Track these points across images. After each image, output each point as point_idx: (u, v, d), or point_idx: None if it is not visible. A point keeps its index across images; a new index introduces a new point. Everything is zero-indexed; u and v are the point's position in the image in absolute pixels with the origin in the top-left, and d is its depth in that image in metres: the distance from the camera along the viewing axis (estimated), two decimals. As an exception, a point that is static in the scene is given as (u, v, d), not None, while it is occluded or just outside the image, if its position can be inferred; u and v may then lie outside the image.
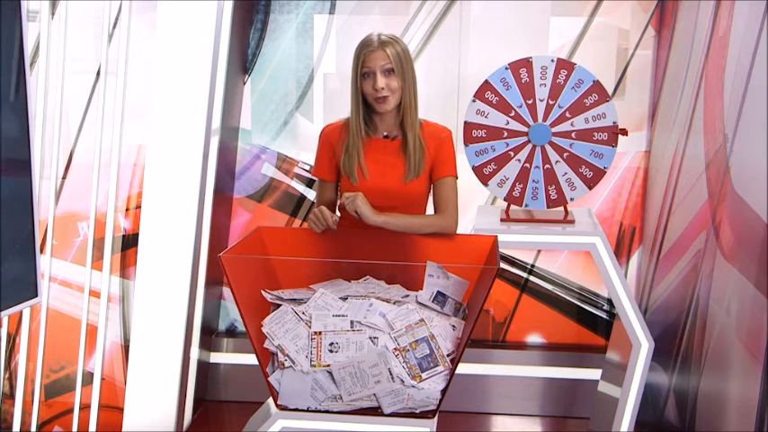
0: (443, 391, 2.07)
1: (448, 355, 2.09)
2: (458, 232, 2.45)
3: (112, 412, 3.55)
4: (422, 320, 2.11)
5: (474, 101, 2.70)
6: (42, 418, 3.64)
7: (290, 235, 2.48)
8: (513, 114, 2.68)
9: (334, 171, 2.51)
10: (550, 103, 2.66)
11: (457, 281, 2.25)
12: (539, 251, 3.85)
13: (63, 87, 3.50)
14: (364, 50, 2.38)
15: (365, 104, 2.43)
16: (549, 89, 2.66)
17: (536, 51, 3.52)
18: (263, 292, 2.23)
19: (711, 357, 2.68)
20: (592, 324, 3.87)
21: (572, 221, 2.77)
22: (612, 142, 2.66)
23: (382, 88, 2.36)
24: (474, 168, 2.74)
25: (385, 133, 2.47)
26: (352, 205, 2.32)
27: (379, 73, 2.36)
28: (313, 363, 2.07)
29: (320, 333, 2.09)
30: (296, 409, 2.09)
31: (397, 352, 2.07)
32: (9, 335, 3.64)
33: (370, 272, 2.36)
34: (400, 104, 2.43)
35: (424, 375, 2.06)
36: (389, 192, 2.42)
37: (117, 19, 3.50)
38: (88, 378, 3.51)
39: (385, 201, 2.40)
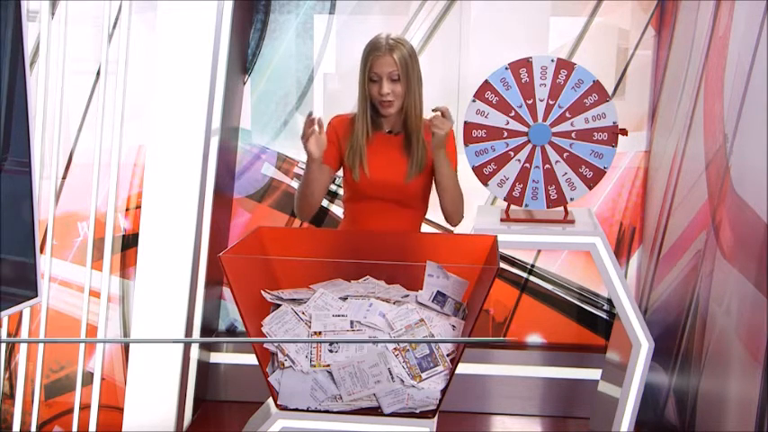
0: (443, 391, 2.07)
1: (448, 355, 2.09)
2: (458, 232, 2.46)
3: (112, 412, 3.55)
4: (422, 320, 2.11)
5: (474, 101, 2.70)
6: (42, 418, 3.64)
7: (290, 235, 2.48)
8: (513, 114, 2.68)
9: (337, 159, 2.55)
10: (550, 103, 2.66)
11: (457, 281, 2.24)
12: (539, 251, 3.85)
13: (63, 87, 3.50)
14: (372, 54, 2.43)
15: (371, 103, 2.50)
16: (549, 89, 2.66)
17: (536, 51, 3.51)
18: (262, 292, 2.23)
19: (711, 357, 2.68)
20: (592, 324, 3.87)
21: (572, 221, 2.77)
22: (612, 142, 2.66)
23: (388, 93, 2.41)
24: (474, 168, 2.74)
25: (389, 129, 2.53)
26: (443, 126, 2.37)
27: (386, 79, 2.42)
28: (313, 363, 2.07)
29: (320, 333, 2.09)
30: (296, 409, 2.09)
31: (397, 352, 2.07)
32: (9, 335, 3.64)
33: (370, 272, 2.36)
34: (402, 108, 2.49)
35: (423, 375, 2.06)
36: (391, 186, 2.47)
37: (117, 19, 3.49)
38: (88, 378, 3.51)
39: (387, 194, 2.45)
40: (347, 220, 2.66)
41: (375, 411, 2.07)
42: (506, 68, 2.67)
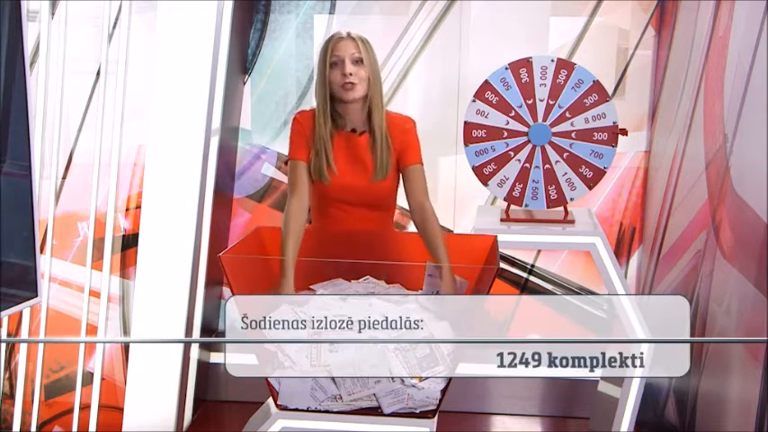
0: (443, 391, 2.07)
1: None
2: (458, 232, 2.45)
3: (112, 412, 3.55)
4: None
5: (474, 101, 2.70)
6: (42, 418, 3.64)
7: (290, 235, 2.47)
8: (513, 114, 2.68)
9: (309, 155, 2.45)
10: (550, 103, 2.66)
11: (457, 281, 2.24)
12: (539, 251, 3.84)
13: (63, 87, 3.50)
14: (332, 40, 2.39)
15: (331, 99, 2.40)
16: (549, 89, 2.66)
17: (536, 51, 3.51)
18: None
19: (711, 357, 2.68)
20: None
21: (572, 221, 2.77)
22: (612, 142, 2.66)
23: (351, 74, 2.33)
24: (474, 168, 2.74)
25: (352, 127, 2.43)
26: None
27: (349, 60, 2.35)
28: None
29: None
30: (296, 409, 2.09)
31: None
32: (9, 335, 3.64)
33: (370, 272, 2.36)
34: (366, 99, 2.39)
35: (423, 375, 2.06)
36: (359, 189, 2.39)
37: (117, 19, 3.49)
38: (88, 378, 3.51)
39: (354, 197, 2.38)
40: (341, 228, 2.57)
41: (375, 411, 2.07)
42: (506, 68, 2.67)
